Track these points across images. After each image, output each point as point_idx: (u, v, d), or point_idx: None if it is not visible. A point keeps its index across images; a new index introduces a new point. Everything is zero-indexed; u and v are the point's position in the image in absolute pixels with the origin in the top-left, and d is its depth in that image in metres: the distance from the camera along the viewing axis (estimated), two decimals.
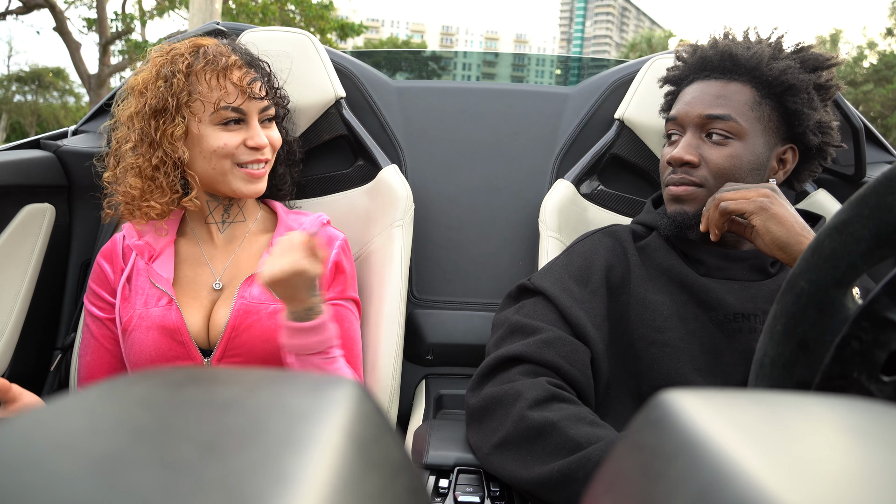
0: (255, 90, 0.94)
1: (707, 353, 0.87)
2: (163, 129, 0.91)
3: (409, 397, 1.25)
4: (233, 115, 0.93)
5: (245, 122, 0.95)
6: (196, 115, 0.92)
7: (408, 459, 0.24)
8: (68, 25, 12.57)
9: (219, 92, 0.92)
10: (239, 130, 0.94)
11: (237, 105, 0.93)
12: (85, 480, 0.16)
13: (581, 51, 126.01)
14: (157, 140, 0.92)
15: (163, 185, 0.93)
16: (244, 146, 0.94)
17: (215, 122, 0.93)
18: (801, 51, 0.93)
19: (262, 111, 0.97)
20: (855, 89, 24.19)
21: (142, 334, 0.92)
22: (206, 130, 0.92)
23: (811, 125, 0.90)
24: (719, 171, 0.89)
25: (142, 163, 0.93)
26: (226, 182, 0.95)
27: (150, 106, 0.91)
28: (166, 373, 0.25)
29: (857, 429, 0.23)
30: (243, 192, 0.96)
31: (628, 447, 0.25)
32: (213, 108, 0.92)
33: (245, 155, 0.94)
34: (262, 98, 0.95)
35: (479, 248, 1.32)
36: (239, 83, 0.93)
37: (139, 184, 0.94)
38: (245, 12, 12.32)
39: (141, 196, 0.94)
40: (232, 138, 0.93)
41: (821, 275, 0.40)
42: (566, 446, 0.73)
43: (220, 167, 0.94)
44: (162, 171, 0.93)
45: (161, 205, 0.94)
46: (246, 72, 0.95)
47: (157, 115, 0.92)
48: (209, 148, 0.92)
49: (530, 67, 6.78)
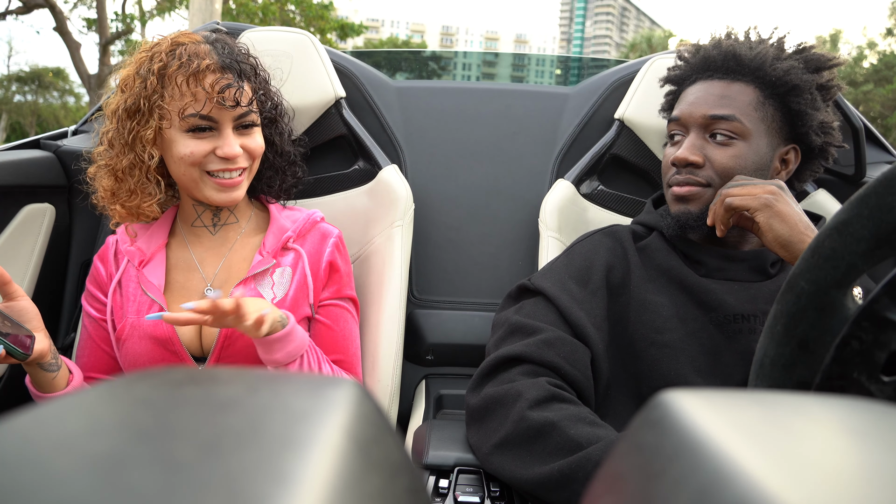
0: (228, 97, 0.87)
1: (707, 353, 0.87)
2: (136, 130, 0.88)
3: (409, 397, 1.25)
4: (202, 123, 0.87)
5: (216, 130, 0.89)
6: (166, 120, 0.87)
7: (408, 459, 0.24)
8: (68, 25, 12.57)
9: (188, 98, 0.86)
10: (210, 138, 0.89)
11: (205, 113, 0.87)
12: (85, 480, 0.16)
13: (581, 51, 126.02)
14: (129, 141, 0.88)
15: (133, 189, 0.90)
16: (213, 155, 0.89)
17: (184, 128, 0.88)
18: (803, 51, 0.93)
19: (238, 118, 0.90)
20: (855, 89, 24.19)
21: (134, 344, 0.91)
22: (176, 136, 0.88)
23: (814, 125, 0.90)
24: (724, 171, 0.89)
25: (115, 163, 0.90)
26: (198, 189, 0.91)
27: (126, 105, 0.88)
28: (166, 373, 0.25)
29: (857, 429, 0.23)
30: (215, 200, 0.92)
31: (628, 447, 0.25)
32: (179, 116, 0.87)
33: (214, 164, 0.89)
34: (236, 106, 0.88)
35: (479, 248, 1.32)
36: (210, 90, 0.86)
37: (110, 184, 0.91)
38: (245, 12, 12.32)
39: (111, 197, 0.92)
40: (200, 146, 0.88)
41: (821, 275, 0.40)
42: (566, 446, 0.73)
43: (189, 174, 0.90)
44: (134, 173, 0.90)
45: (127, 208, 0.91)
46: (220, 77, 0.88)
47: (131, 116, 0.88)
48: (177, 154, 0.88)
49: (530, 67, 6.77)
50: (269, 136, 1.00)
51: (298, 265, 0.97)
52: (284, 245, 0.98)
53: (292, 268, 0.97)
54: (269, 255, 0.96)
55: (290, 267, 0.97)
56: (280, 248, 0.98)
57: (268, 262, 0.95)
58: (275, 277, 0.95)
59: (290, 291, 0.95)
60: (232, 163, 0.90)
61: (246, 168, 0.93)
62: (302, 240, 1.00)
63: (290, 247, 0.98)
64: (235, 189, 0.92)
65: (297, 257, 0.98)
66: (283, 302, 0.94)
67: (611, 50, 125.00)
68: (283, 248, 0.98)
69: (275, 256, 0.97)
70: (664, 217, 0.96)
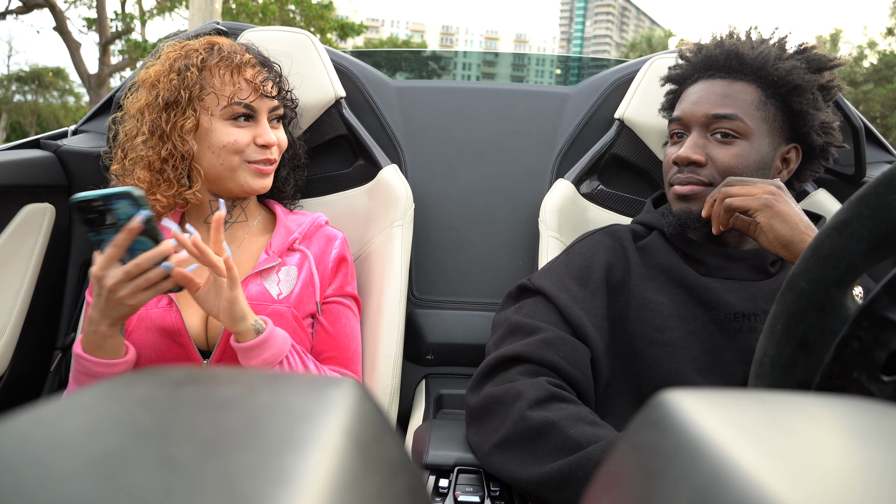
0: (268, 89, 0.95)
1: (707, 352, 0.87)
2: (173, 121, 0.92)
3: (409, 397, 1.25)
4: (244, 111, 0.94)
5: (255, 120, 0.96)
6: (208, 109, 0.93)
7: (408, 459, 0.24)
8: (68, 25, 12.58)
9: (232, 87, 0.93)
10: (248, 127, 0.95)
11: (249, 101, 0.94)
12: (85, 480, 0.16)
13: (581, 51, 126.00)
14: (167, 133, 0.92)
15: (170, 178, 0.94)
16: (254, 144, 0.95)
17: (226, 116, 0.93)
18: (805, 51, 0.93)
19: (272, 110, 0.98)
20: (855, 89, 24.19)
21: (141, 335, 0.92)
22: (217, 125, 0.93)
23: (815, 125, 0.90)
24: (726, 170, 0.89)
25: (151, 155, 0.93)
26: (233, 178, 0.95)
27: (162, 98, 0.92)
28: (166, 372, 0.25)
29: (857, 429, 0.23)
30: (252, 186, 0.96)
31: (628, 447, 0.25)
32: (227, 103, 0.92)
33: (255, 153, 0.95)
34: (274, 97, 0.97)
35: (479, 248, 1.32)
36: (252, 80, 0.94)
37: (147, 176, 0.94)
38: (245, 12, 12.32)
39: (148, 189, 0.94)
40: (242, 135, 0.94)
41: (821, 275, 0.40)
42: (566, 446, 0.73)
43: (228, 163, 0.94)
44: (170, 163, 0.93)
45: (167, 198, 0.94)
46: (259, 70, 0.96)
47: (168, 108, 0.92)
48: (219, 143, 0.93)
49: (530, 67, 6.76)
50: (288, 136, 1.06)
51: (304, 265, 1.00)
52: (290, 246, 1.01)
53: (298, 268, 0.99)
54: (274, 255, 0.98)
55: (295, 267, 0.99)
56: (286, 249, 1.00)
57: (273, 261, 0.97)
58: (280, 275, 0.98)
59: (296, 289, 0.97)
60: (269, 152, 0.96)
61: (275, 161, 0.99)
62: (307, 241, 1.03)
63: (296, 248, 1.01)
64: (268, 177, 0.98)
65: (303, 258, 1.00)
66: (288, 298, 0.96)
67: (611, 50, 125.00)
68: (289, 248, 1.01)
69: (280, 256, 0.99)
70: (665, 216, 0.96)
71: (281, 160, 1.05)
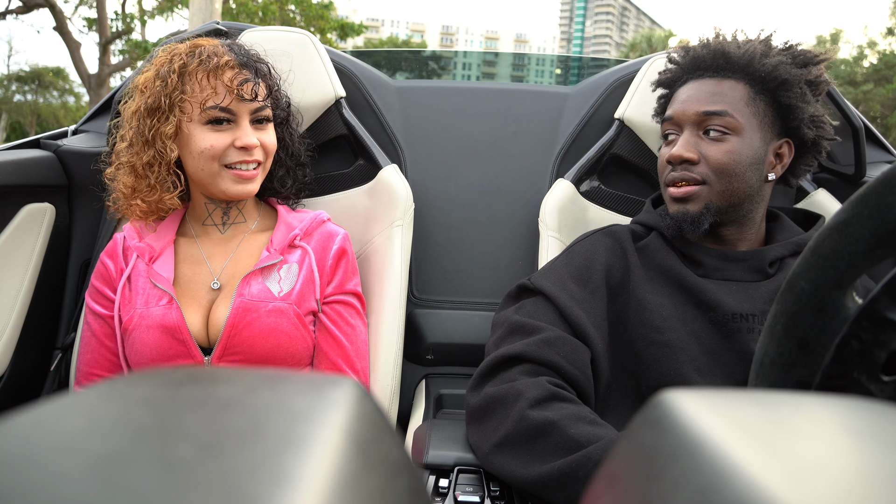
0: (246, 91, 0.94)
1: (707, 353, 0.87)
2: (156, 127, 0.92)
3: (409, 397, 1.25)
4: (221, 115, 0.93)
5: (234, 123, 0.94)
6: (186, 115, 0.92)
7: (408, 459, 0.24)
8: (68, 25, 12.58)
9: (208, 91, 0.92)
10: (228, 131, 0.94)
11: (225, 105, 0.92)
12: (85, 480, 0.16)
13: (581, 51, 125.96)
14: (149, 139, 0.92)
15: (153, 184, 0.94)
16: (233, 147, 0.94)
17: (203, 121, 0.93)
18: (790, 48, 0.94)
19: (255, 112, 0.96)
20: (855, 89, 24.19)
21: (142, 333, 0.92)
22: (195, 130, 0.93)
23: (805, 119, 0.91)
24: (719, 166, 0.89)
25: (135, 161, 0.94)
26: (214, 184, 0.95)
27: (146, 105, 0.92)
28: (166, 372, 0.25)
29: (857, 429, 0.23)
30: (233, 192, 0.96)
31: (628, 447, 0.25)
32: (200, 108, 0.92)
33: (233, 156, 0.94)
34: (253, 100, 0.95)
35: (479, 248, 1.32)
36: (229, 84, 0.92)
37: (131, 181, 0.95)
38: (245, 12, 12.32)
39: (132, 194, 0.95)
40: (220, 139, 0.93)
41: (821, 275, 0.40)
42: (566, 445, 0.73)
43: (208, 168, 0.94)
44: (154, 169, 0.94)
45: (148, 203, 0.95)
46: (238, 73, 0.94)
47: (151, 114, 0.92)
48: (197, 148, 0.93)
49: (530, 67, 6.77)
50: (282, 136, 1.05)
51: (305, 261, 1.00)
52: (291, 243, 1.01)
53: (299, 264, 1.00)
54: (276, 252, 0.99)
55: (296, 263, 1.00)
56: (287, 246, 1.00)
57: (275, 258, 0.98)
58: (281, 273, 0.98)
59: (297, 286, 0.97)
60: (249, 154, 0.95)
61: (261, 163, 0.98)
62: (309, 238, 1.03)
63: (297, 244, 1.01)
64: (251, 182, 0.96)
65: (304, 254, 1.00)
66: (289, 295, 0.96)
67: (611, 50, 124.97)
68: (291, 245, 1.01)
69: (282, 253, 0.99)
70: (663, 217, 0.96)
71: (276, 160, 1.05)
